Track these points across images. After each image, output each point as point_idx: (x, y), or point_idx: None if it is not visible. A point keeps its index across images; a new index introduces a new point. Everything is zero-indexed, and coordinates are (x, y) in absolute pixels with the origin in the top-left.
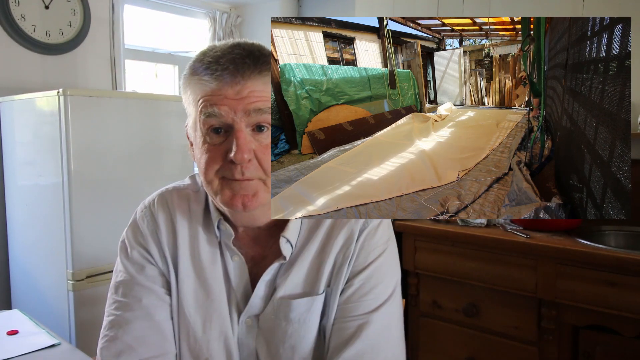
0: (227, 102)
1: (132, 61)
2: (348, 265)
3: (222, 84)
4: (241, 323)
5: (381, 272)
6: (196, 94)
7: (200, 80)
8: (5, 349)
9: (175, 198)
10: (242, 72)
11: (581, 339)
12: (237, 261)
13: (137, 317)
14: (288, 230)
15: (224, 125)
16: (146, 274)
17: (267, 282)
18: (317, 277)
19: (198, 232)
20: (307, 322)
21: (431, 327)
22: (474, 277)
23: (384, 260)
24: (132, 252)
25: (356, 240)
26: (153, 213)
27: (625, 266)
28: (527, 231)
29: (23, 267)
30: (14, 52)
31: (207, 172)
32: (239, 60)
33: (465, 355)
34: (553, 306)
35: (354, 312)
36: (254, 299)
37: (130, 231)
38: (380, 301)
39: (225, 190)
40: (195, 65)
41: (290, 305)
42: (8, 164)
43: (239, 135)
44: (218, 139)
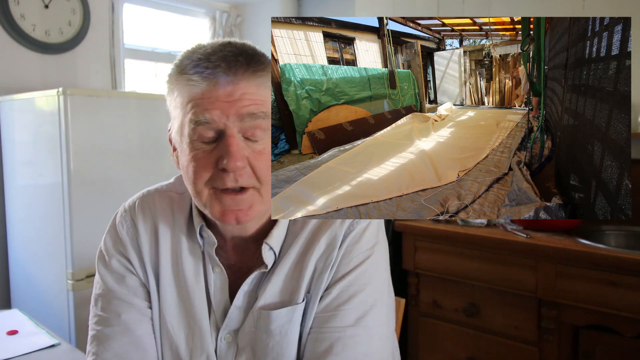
0: (219, 105)
1: (132, 60)
2: (329, 271)
3: (212, 85)
4: (220, 339)
5: (363, 280)
6: (183, 96)
7: (189, 81)
8: (5, 349)
9: (158, 201)
10: (234, 71)
11: (581, 339)
12: (217, 273)
13: (117, 332)
14: (272, 237)
15: (215, 131)
16: (127, 285)
17: (246, 292)
18: (297, 285)
19: (180, 239)
20: (289, 334)
21: (431, 327)
22: (474, 277)
23: (367, 267)
24: (110, 261)
25: (339, 246)
26: (133, 218)
27: (625, 266)
28: (527, 231)
29: (23, 266)
30: (13, 52)
31: (196, 182)
32: (231, 58)
33: (465, 355)
34: (553, 306)
35: (330, 323)
36: (233, 309)
37: (108, 238)
38: (359, 313)
39: (215, 205)
40: (184, 63)
41: (270, 317)
42: (8, 163)
43: (231, 141)
44: (208, 146)
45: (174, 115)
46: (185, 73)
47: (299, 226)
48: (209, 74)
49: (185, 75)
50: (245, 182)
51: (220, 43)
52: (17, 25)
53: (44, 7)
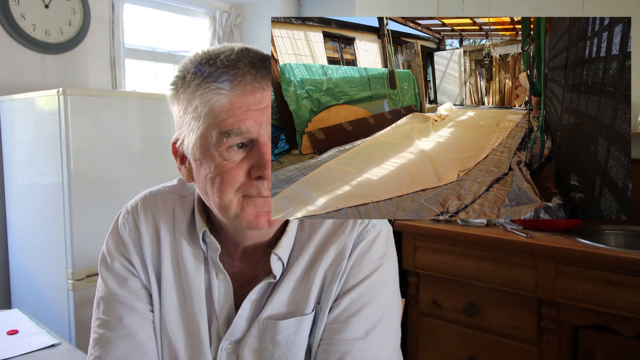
0: (251, 114)
1: (132, 60)
2: (338, 282)
3: (242, 92)
4: (221, 350)
5: (372, 291)
6: (207, 106)
7: (218, 90)
8: (5, 348)
9: (160, 202)
10: (260, 77)
11: (581, 339)
12: (222, 280)
13: (119, 336)
14: (280, 247)
15: (247, 140)
16: (129, 287)
17: (253, 301)
18: (306, 296)
19: (182, 243)
20: (296, 345)
21: (431, 326)
22: (474, 276)
23: (377, 277)
24: (113, 263)
25: (349, 256)
26: (135, 219)
27: (625, 266)
28: (527, 231)
29: (23, 266)
30: (13, 52)
31: (226, 193)
32: (258, 64)
33: (465, 355)
34: (553, 306)
35: (339, 335)
36: (238, 319)
37: (111, 240)
38: (369, 325)
39: (248, 209)
40: (208, 71)
41: (277, 327)
42: (8, 163)
43: (265, 150)
44: (239, 155)
45: (191, 127)
46: (212, 82)
47: (307, 235)
48: (241, 81)
49: (213, 84)
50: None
51: (238, 48)
52: (17, 25)
53: (44, 7)
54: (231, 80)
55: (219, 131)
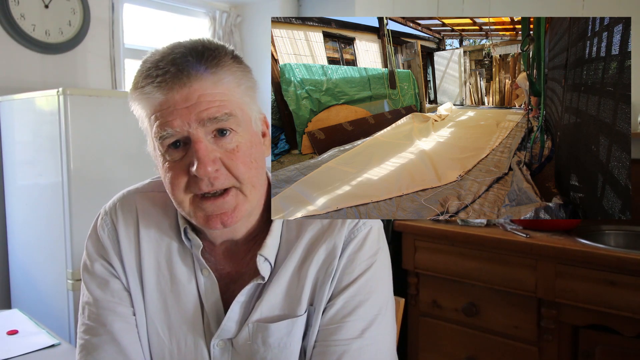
0: (178, 112)
1: (132, 60)
2: (331, 282)
3: (166, 92)
4: (213, 346)
5: (367, 289)
6: (145, 109)
7: (143, 94)
8: (5, 349)
9: (139, 202)
10: (186, 73)
11: (581, 339)
12: (206, 276)
13: (104, 342)
14: (265, 247)
15: (181, 138)
16: (111, 290)
17: (242, 303)
18: (297, 297)
19: (168, 242)
20: (288, 347)
21: (431, 326)
22: (474, 276)
23: (370, 276)
24: (93, 266)
25: (340, 255)
26: (113, 220)
27: (625, 266)
28: (527, 231)
29: (23, 266)
30: (13, 52)
31: (176, 192)
32: (180, 59)
33: (465, 355)
34: (553, 306)
35: (336, 336)
36: (227, 322)
37: (90, 243)
38: (365, 323)
39: (197, 212)
40: (136, 77)
41: (268, 330)
42: (8, 163)
43: (198, 147)
44: (177, 154)
45: (146, 131)
46: (138, 87)
47: (294, 235)
48: (160, 82)
49: (139, 89)
50: (222, 184)
51: (168, 46)
52: (17, 25)
53: (44, 7)
54: (152, 82)
55: (154, 133)
